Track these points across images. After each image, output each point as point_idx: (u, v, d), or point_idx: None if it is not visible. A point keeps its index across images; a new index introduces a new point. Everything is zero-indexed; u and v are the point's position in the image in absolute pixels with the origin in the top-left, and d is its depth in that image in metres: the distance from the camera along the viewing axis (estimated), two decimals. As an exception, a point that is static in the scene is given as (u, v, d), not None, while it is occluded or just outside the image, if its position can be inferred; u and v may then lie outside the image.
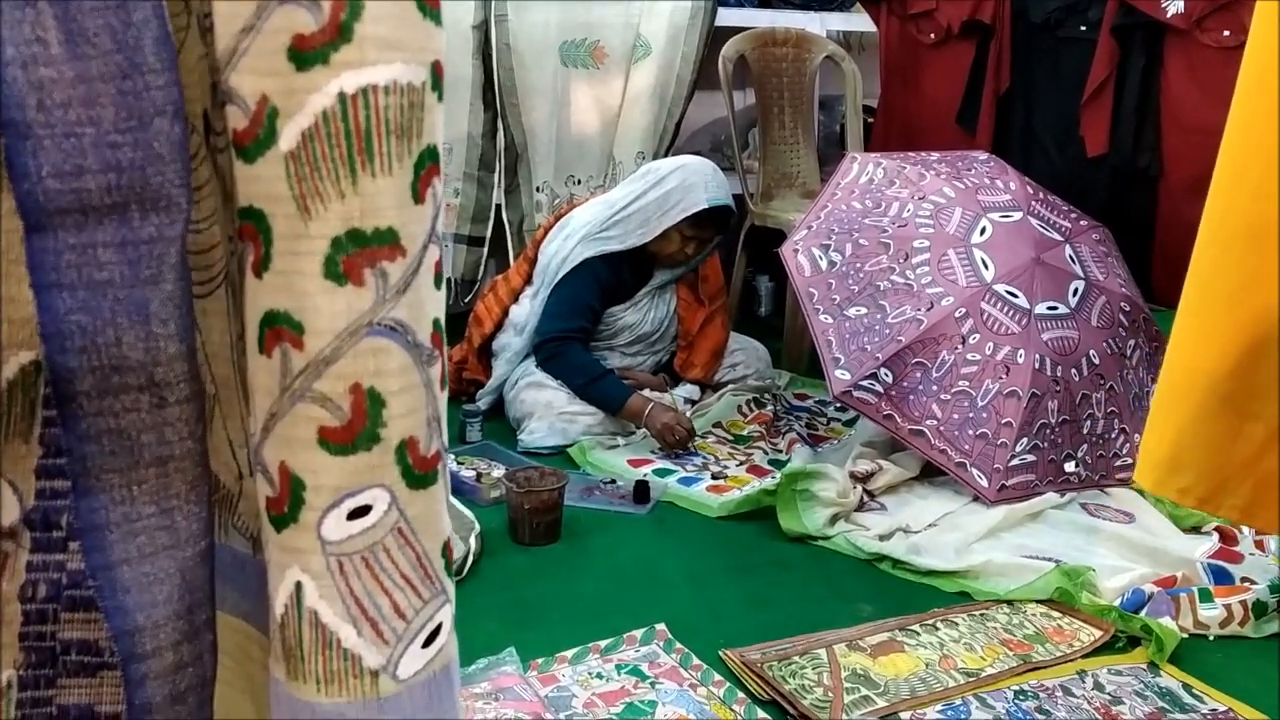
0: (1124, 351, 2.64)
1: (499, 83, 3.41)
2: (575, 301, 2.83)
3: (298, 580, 0.62)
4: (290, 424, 0.61)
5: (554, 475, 2.33)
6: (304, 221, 0.59)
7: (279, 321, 0.60)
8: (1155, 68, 2.98)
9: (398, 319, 0.61)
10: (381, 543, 0.62)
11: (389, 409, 0.61)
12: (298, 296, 0.59)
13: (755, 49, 3.64)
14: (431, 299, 0.63)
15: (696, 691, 1.76)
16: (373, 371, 0.60)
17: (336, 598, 0.61)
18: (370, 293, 0.60)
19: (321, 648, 0.62)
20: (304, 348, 0.60)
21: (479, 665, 1.76)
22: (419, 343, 0.62)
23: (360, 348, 0.60)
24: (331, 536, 0.61)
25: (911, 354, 2.48)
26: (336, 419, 0.60)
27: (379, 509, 0.61)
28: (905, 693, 1.77)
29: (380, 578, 0.62)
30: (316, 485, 0.61)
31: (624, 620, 1.96)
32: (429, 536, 0.64)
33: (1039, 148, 3.30)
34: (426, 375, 0.63)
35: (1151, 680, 1.85)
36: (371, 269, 0.60)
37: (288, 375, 0.60)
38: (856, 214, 2.71)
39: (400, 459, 0.62)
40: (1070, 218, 2.79)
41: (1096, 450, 2.56)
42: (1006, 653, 1.91)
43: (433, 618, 0.65)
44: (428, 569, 0.64)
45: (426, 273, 0.63)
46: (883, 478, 2.49)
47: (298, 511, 0.61)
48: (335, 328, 0.59)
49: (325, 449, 0.60)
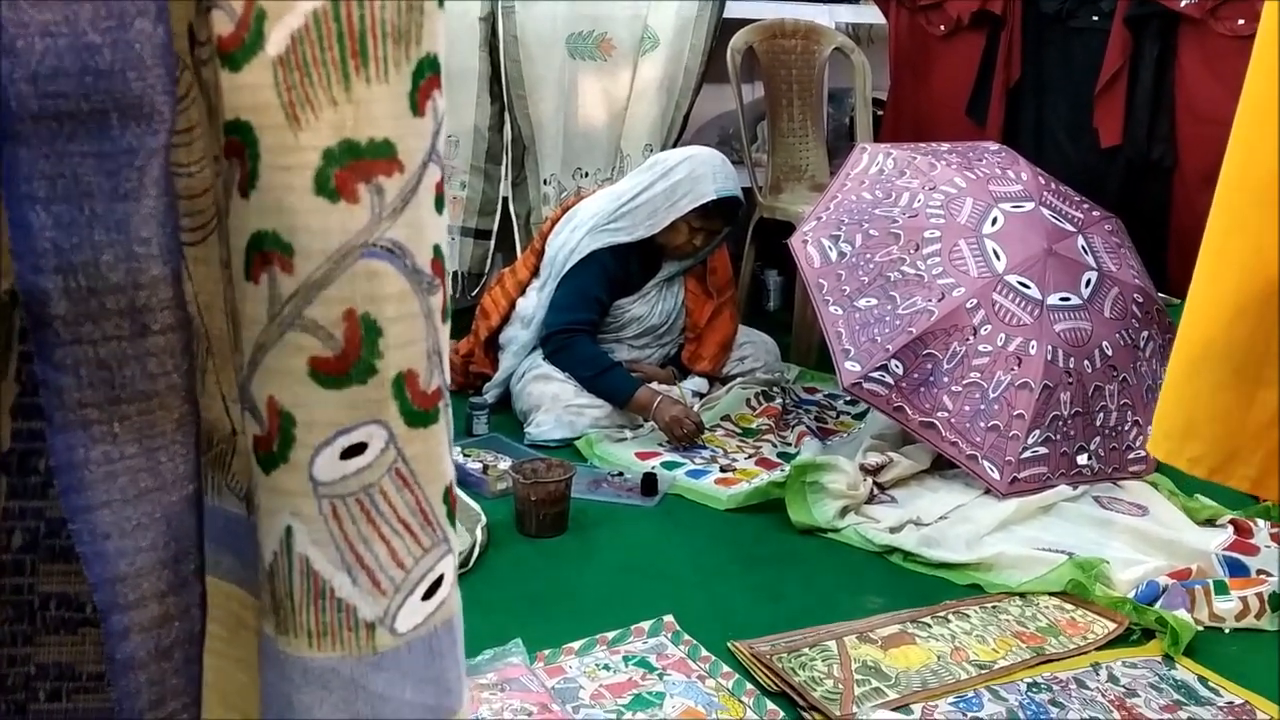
0: (1137, 343, 2.61)
1: (506, 75, 3.39)
2: (582, 294, 2.81)
3: (287, 525, 0.58)
4: (279, 355, 0.57)
5: (561, 467, 2.31)
6: (293, 132, 0.55)
7: (267, 243, 0.56)
8: (1169, 57, 2.95)
9: (395, 240, 0.57)
10: (378, 484, 0.58)
11: (385, 338, 0.57)
12: (286, 215, 0.55)
13: (764, 41, 3.61)
14: (432, 223, 0.59)
15: (705, 683, 1.74)
16: (367, 297, 0.56)
17: (329, 543, 0.58)
18: (365, 210, 0.56)
19: (314, 598, 0.58)
20: (294, 270, 0.56)
21: (485, 656, 1.74)
22: (418, 268, 0.58)
23: (354, 270, 0.56)
24: (324, 477, 0.57)
25: (922, 345, 2.45)
26: (329, 348, 0.56)
27: (375, 447, 0.58)
28: (917, 685, 1.75)
29: (377, 522, 0.58)
30: (308, 421, 0.57)
31: (631, 612, 1.94)
32: (430, 480, 0.60)
33: (1051, 139, 3.27)
34: (427, 304, 0.59)
35: (1166, 673, 1.82)
36: (366, 184, 0.56)
37: (276, 301, 0.56)
38: (867, 204, 2.69)
39: (398, 393, 0.58)
40: (1082, 208, 2.76)
41: (1109, 443, 2.53)
42: (1019, 645, 1.88)
43: (434, 568, 0.60)
44: (428, 515, 0.60)
45: (426, 193, 0.58)
46: (893, 470, 2.47)
47: (288, 450, 0.57)
48: (327, 248, 0.55)
49: (317, 381, 0.57)
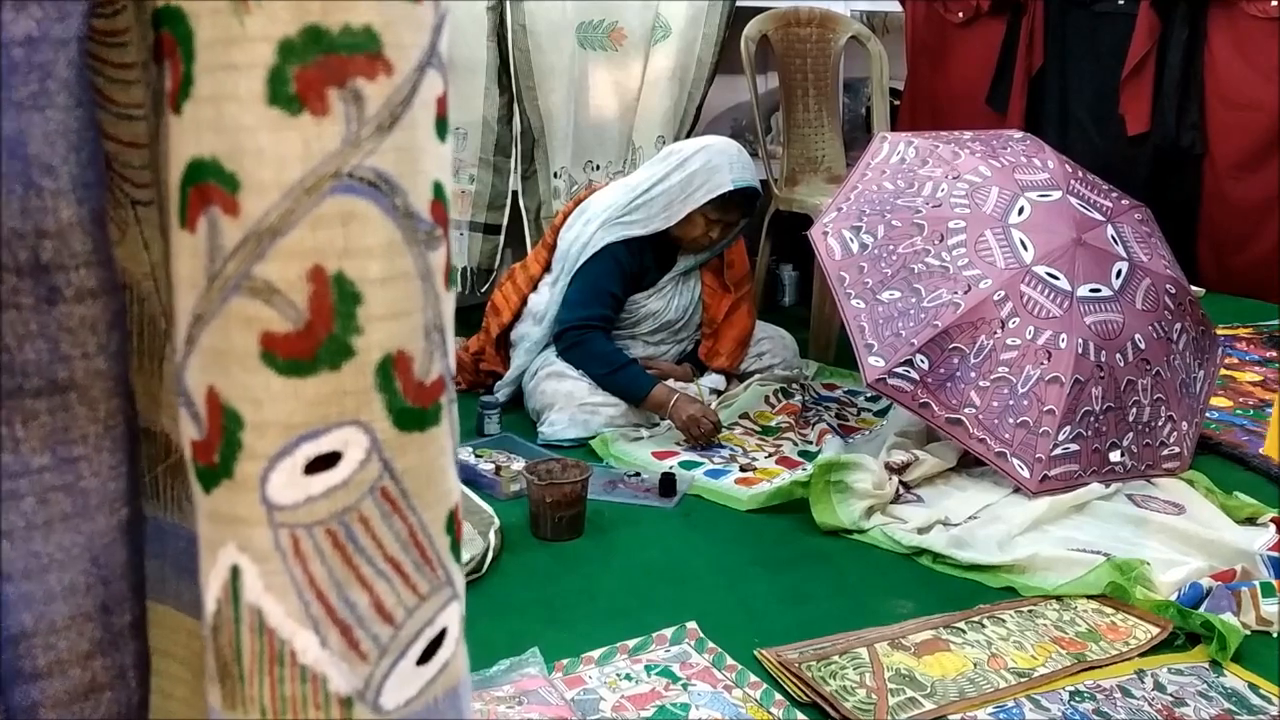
0: (1170, 336, 2.53)
1: (515, 65, 3.31)
2: (596, 289, 2.73)
3: (233, 564, 0.43)
4: (221, 330, 0.42)
5: (576, 467, 2.24)
6: (238, 17, 0.40)
7: (205, 174, 0.41)
8: (1198, 41, 2.88)
9: (379, 170, 0.42)
10: (357, 509, 0.43)
11: (366, 306, 0.42)
12: (229, 135, 0.41)
13: (778, 29, 3.53)
14: (432, 151, 0.44)
15: (731, 693, 1.66)
16: (342, 249, 0.41)
17: (290, 590, 0.42)
18: (337, 126, 0.41)
19: (269, 663, 0.43)
20: (239, 212, 0.41)
21: (501, 667, 1.67)
22: (412, 210, 0.43)
23: (322, 211, 0.41)
24: (282, 499, 0.42)
25: (948, 339, 2.37)
26: (288, 320, 0.41)
27: (353, 459, 0.42)
28: (954, 694, 1.67)
29: (355, 562, 0.43)
30: (259, 422, 0.42)
31: (652, 618, 1.86)
32: (428, 503, 0.45)
33: (1076, 127, 3.20)
34: (424, 261, 0.43)
35: (1215, 680, 1.74)
36: (339, 90, 0.41)
37: (217, 255, 0.41)
38: (888, 194, 2.61)
39: (384, 385, 0.43)
40: (1111, 197, 2.67)
41: (1143, 439, 2.45)
42: (1059, 651, 1.80)
43: (433, 620, 0.45)
44: (425, 550, 0.45)
45: (424, 110, 0.43)
46: (919, 468, 2.39)
47: (232, 461, 0.42)
48: (285, 180, 0.40)
49: (272, 366, 0.41)
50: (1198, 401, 2.59)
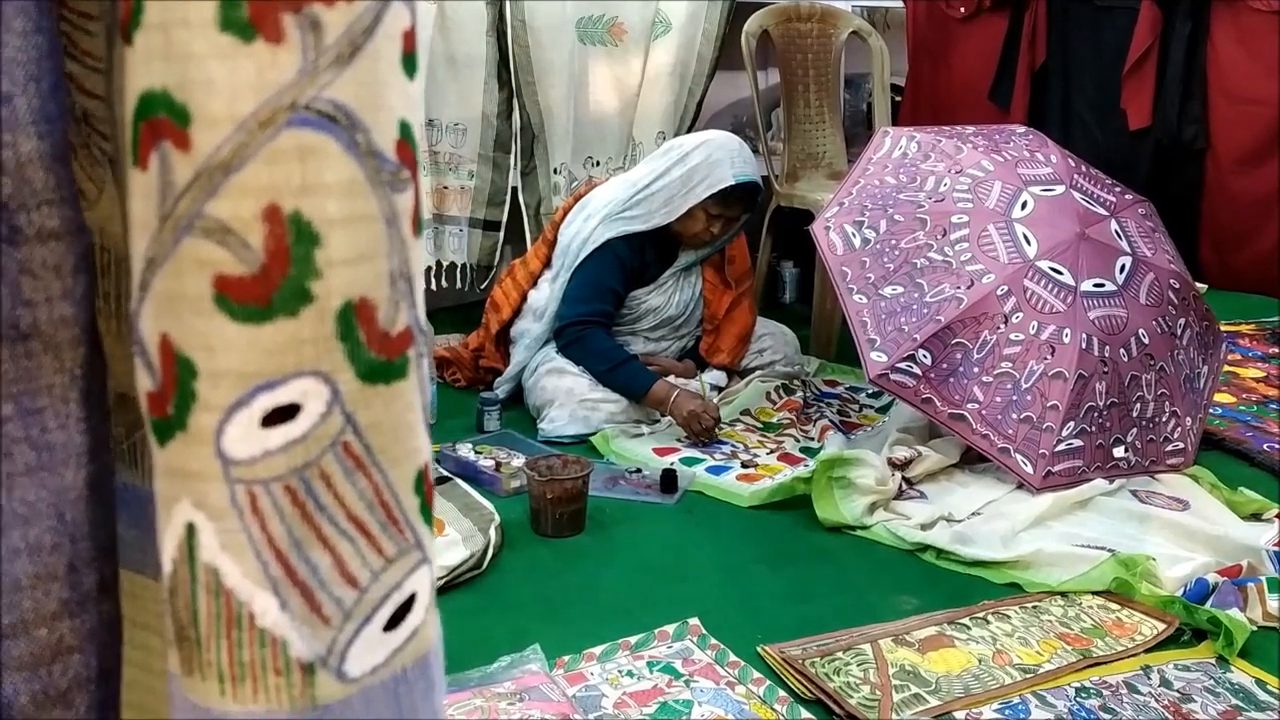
0: (1174, 331, 2.51)
1: (514, 61, 3.29)
2: (597, 284, 2.72)
3: (189, 521, 0.40)
4: (173, 274, 0.39)
5: (577, 463, 2.22)
6: None
7: (155, 107, 0.38)
8: (1201, 35, 2.86)
9: (338, 102, 0.38)
10: (317, 464, 0.40)
11: (324, 248, 0.39)
12: (179, 64, 0.38)
13: (779, 25, 3.52)
14: (398, 86, 0.41)
15: (734, 690, 1.65)
16: (299, 186, 0.38)
17: (247, 549, 0.40)
18: (293, 54, 0.38)
19: (226, 626, 0.40)
20: (191, 146, 0.38)
21: (502, 663, 1.65)
22: (375, 148, 0.40)
23: (278, 145, 0.38)
24: (237, 453, 0.39)
25: (951, 334, 2.35)
26: (242, 263, 0.38)
27: (313, 411, 0.39)
28: (958, 690, 1.65)
29: (316, 520, 0.40)
30: (213, 371, 0.39)
31: (654, 615, 1.85)
32: (395, 460, 0.42)
33: (1078, 122, 3.18)
34: (389, 204, 0.40)
35: (1222, 676, 1.73)
36: (295, 15, 0.38)
37: (169, 194, 0.38)
38: (890, 189, 2.59)
39: (345, 332, 0.40)
40: (1115, 191, 2.66)
41: (1146, 434, 2.44)
42: (1064, 647, 1.79)
43: (400, 585, 0.42)
44: (391, 509, 0.42)
45: (388, 42, 0.40)
46: (922, 464, 2.37)
47: (185, 413, 0.39)
48: (237, 112, 0.38)
49: (226, 312, 0.38)
50: (1202, 397, 2.57)
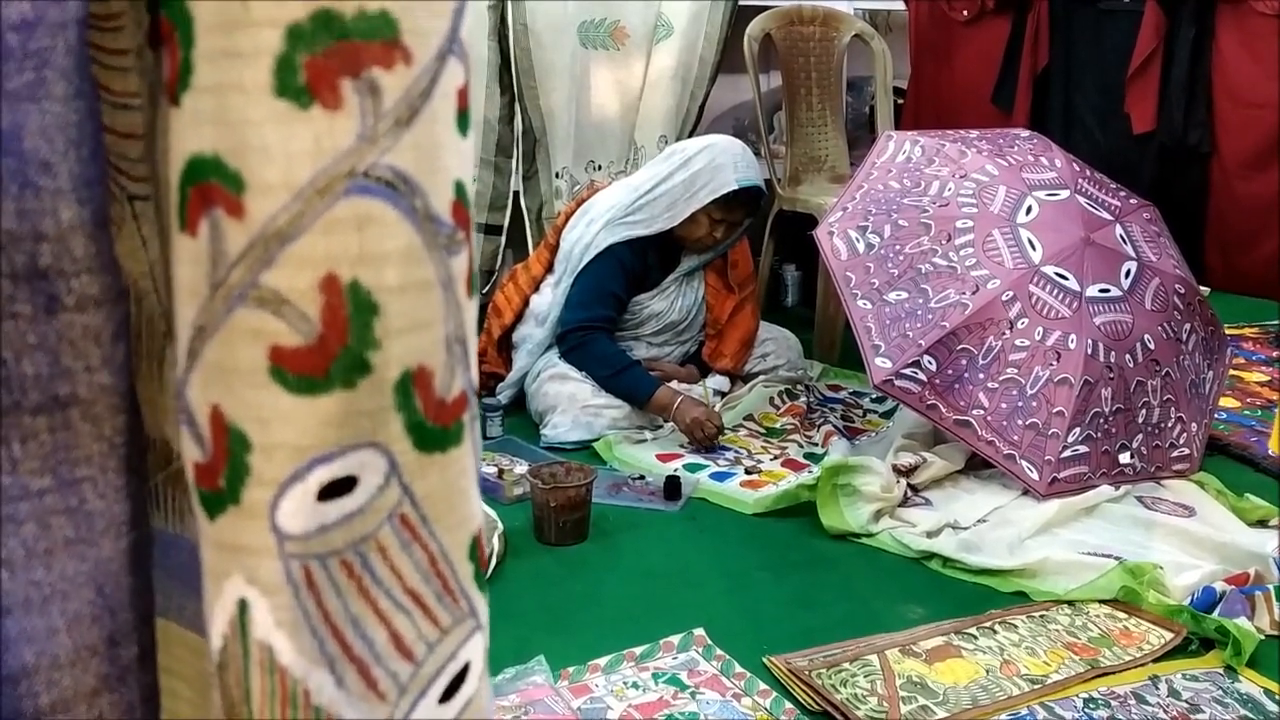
0: (1179, 336, 2.50)
1: (516, 64, 3.27)
2: (599, 289, 2.71)
3: (241, 597, 0.40)
4: (226, 343, 0.38)
5: (580, 471, 2.21)
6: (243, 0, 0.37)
7: (206, 172, 0.38)
8: (1206, 39, 2.85)
9: (398, 169, 0.38)
10: (374, 538, 0.40)
11: (384, 318, 0.39)
12: (234, 129, 0.37)
13: (781, 28, 3.51)
14: (454, 148, 0.40)
15: (741, 702, 1.63)
16: (356, 255, 0.38)
17: (302, 626, 0.39)
18: (351, 120, 0.37)
19: (280, 705, 0.39)
20: (245, 214, 0.38)
21: (506, 675, 1.64)
22: (433, 214, 0.39)
23: (336, 213, 0.37)
24: (293, 528, 0.39)
25: (956, 340, 2.34)
26: (298, 333, 0.38)
27: (370, 483, 0.40)
28: (966, 702, 1.64)
29: (373, 594, 0.40)
30: (268, 444, 0.38)
31: (659, 624, 1.83)
32: (450, 527, 0.42)
33: (1081, 126, 3.17)
34: (446, 268, 0.40)
35: (1230, 686, 1.71)
36: (354, 80, 0.37)
37: (221, 262, 0.38)
38: (895, 194, 2.58)
39: (404, 403, 0.39)
40: (1119, 196, 2.65)
41: (1152, 440, 2.43)
42: (1072, 657, 1.77)
43: (455, 655, 0.42)
44: (448, 579, 0.42)
45: (445, 102, 0.39)
46: (927, 471, 2.36)
47: (239, 487, 0.39)
48: (294, 180, 0.37)
49: (282, 384, 0.38)
50: (1207, 402, 2.56)
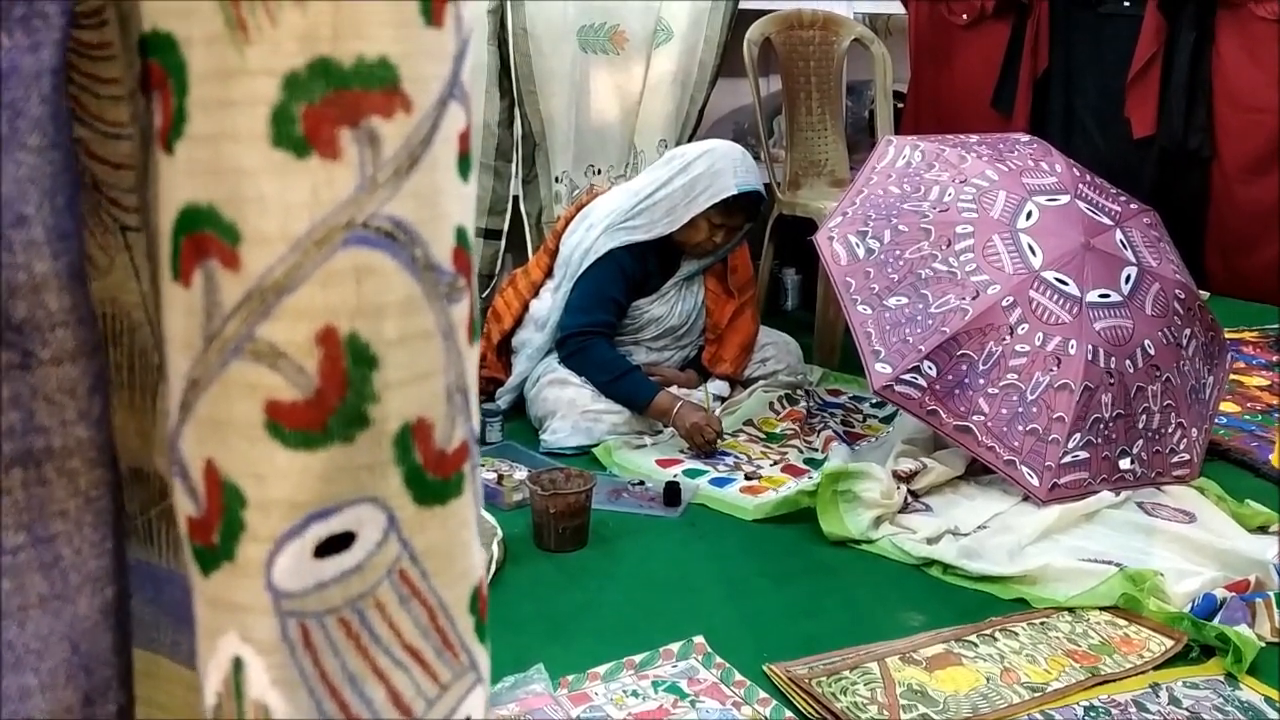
0: (1180, 341, 2.50)
1: (515, 69, 3.27)
2: (599, 294, 2.70)
3: (236, 655, 0.39)
4: (221, 397, 0.38)
5: (580, 477, 2.21)
6: (237, 48, 0.36)
7: (200, 223, 0.37)
8: (1206, 43, 2.85)
9: (397, 219, 0.37)
10: (373, 595, 0.39)
11: (383, 371, 0.38)
12: (229, 179, 0.37)
13: (781, 32, 3.50)
14: (454, 194, 0.39)
15: (740, 710, 1.63)
16: (355, 307, 0.37)
17: (299, 685, 0.38)
18: (350, 170, 0.37)
19: None
20: (241, 266, 0.37)
21: (505, 684, 1.64)
22: (433, 263, 0.39)
23: (334, 266, 0.37)
24: (289, 585, 0.38)
25: (956, 346, 2.34)
26: (296, 387, 0.37)
27: (368, 539, 0.39)
28: (966, 710, 1.64)
29: (371, 652, 0.39)
30: (264, 500, 0.38)
31: (658, 632, 1.83)
32: (450, 582, 0.41)
33: (1081, 130, 3.16)
34: (446, 318, 0.39)
35: (1231, 694, 1.71)
36: (352, 130, 0.36)
37: (215, 314, 0.37)
38: (894, 199, 2.58)
39: (402, 456, 0.39)
40: (1120, 201, 2.64)
41: (1152, 446, 2.42)
42: (1072, 665, 1.77)
43: (456, 709, 0.41)
44: (448, 635, 0.41)
45: (445, 148, 0.39)
46: (927, 477, 2.36)
47: (233, 543, 0.38)
48: (291, 231, 0.36)
49: (278, 439, 0.37)
50: (1207, 408, 2.56)
